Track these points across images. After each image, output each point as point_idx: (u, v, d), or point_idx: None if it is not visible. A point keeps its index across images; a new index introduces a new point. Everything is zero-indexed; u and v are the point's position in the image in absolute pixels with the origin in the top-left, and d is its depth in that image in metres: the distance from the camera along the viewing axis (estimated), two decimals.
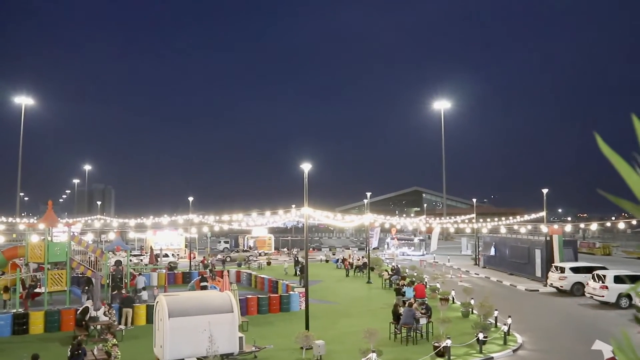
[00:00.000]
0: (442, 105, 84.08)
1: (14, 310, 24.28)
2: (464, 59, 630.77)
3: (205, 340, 16.21)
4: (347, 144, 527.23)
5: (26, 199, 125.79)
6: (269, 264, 50.69)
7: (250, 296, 27.52)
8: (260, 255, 58.44)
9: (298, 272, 42.19)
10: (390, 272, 37.48)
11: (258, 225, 62.83)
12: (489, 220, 54.10)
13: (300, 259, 45.94)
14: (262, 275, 36.28)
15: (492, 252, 47.45)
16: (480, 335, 18.87)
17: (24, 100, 48.49)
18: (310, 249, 66.46)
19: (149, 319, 23.24)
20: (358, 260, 46.05)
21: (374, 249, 55.33)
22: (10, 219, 55.63)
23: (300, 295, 27.72)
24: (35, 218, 61.18)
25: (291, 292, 28.66)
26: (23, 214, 65.75)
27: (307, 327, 20.35)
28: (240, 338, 17.78)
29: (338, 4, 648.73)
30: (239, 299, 23.50)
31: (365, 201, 57.47)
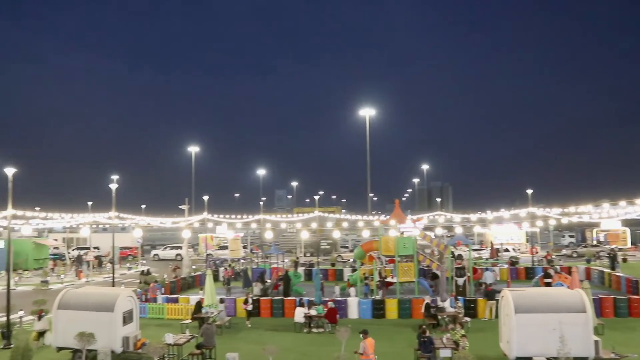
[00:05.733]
0: None
1: (373, 297, 27.48)
2: None
3: (555, 340, 15.30)
4: None
5: (375, 199, 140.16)
6: (624, 260, 45.09)
7: (603, 296, 24.94)
8: (612, 250, 52.50)
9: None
10: None
11: (610, 217, 56.76)
12: None
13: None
14: (619, 274, 32.40)
15: None
16: None
17: (367, 112, 54.34)
18: None
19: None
20: None
21: None
22: (364, 217, 63.16)
23: None
24: (384, 215, 68.08)
25: None
26: (373, 212, 73.83)
27: None
28: (596, 342, 16.22)
29: None
30: (592, 299, 21.49)
31: None
